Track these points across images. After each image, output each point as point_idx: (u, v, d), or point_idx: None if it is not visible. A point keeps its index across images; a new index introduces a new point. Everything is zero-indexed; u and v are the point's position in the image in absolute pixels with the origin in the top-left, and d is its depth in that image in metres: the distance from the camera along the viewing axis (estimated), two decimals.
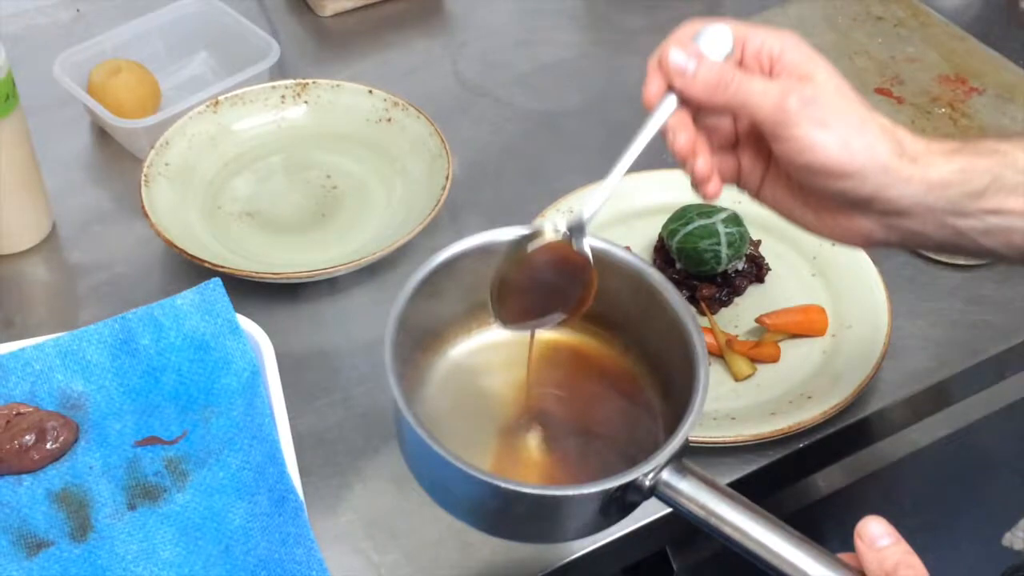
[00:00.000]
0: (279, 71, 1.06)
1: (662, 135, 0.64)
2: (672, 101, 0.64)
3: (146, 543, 0.71)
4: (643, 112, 0.64)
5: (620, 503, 0.60)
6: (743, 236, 0.88)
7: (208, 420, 0.76)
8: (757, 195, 0.68)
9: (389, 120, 1.00)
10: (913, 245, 0.66)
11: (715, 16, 1.18)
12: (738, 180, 0.68)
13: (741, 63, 0.65)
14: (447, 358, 0.70)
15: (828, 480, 0.91)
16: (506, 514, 0.61)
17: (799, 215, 0.67)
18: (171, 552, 0.70)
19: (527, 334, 0.67)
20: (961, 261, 0.92)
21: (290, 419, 0.74)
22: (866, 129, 0.62)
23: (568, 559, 0.74)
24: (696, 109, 0.64)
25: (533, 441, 0.67)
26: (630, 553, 0.78)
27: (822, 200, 0.65)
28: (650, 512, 0.77)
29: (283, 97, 1.01)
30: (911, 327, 0.88)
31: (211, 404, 0.77)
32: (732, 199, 0.92)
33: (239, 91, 1.00)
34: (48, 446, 0.74)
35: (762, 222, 0.93)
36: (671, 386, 0.66)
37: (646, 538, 0.77)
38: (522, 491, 0.58)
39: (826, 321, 0.86)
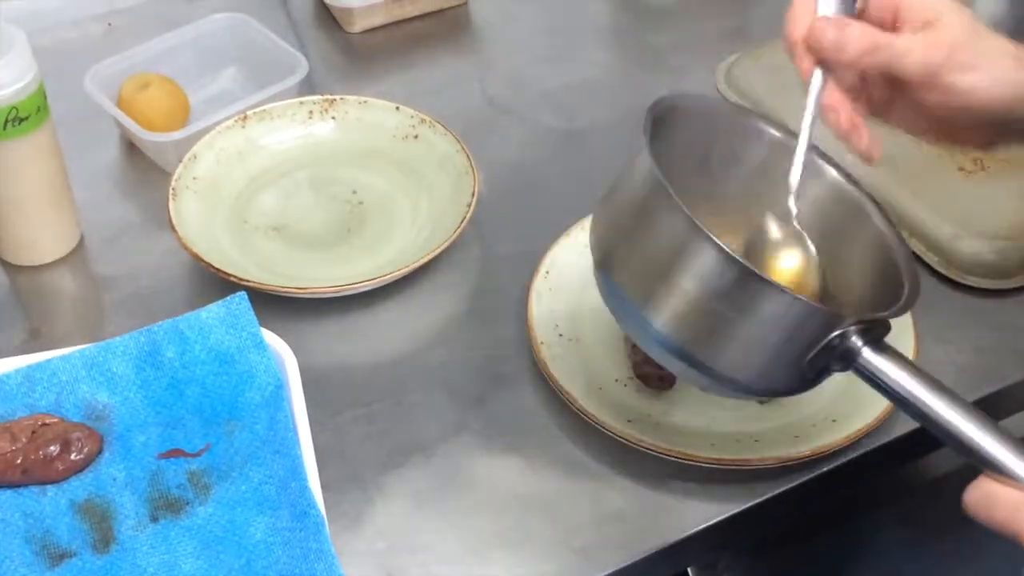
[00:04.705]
0: (307, 87, 1.07)
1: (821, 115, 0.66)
2: (819, 75, 0.66)
3: (168, 555, 0.71)
4: None
5: (821, 359, 0.63)
6: None
7: (231, 434, 0.76)
8: (885, 120, 0.70)
9: (416, 137, 1.00)
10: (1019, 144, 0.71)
11: (745, 32, 1.18)
12: (868, 110, 0.69)
13: (863, 15, 0.66)
14: None
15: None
16: (728, 320, 0.63)
17: (926, 134, 0.70)
18: (192, 565, 0.70)
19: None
20: (987, 285, 0.91)
21: (313, 434, 0.74)
22: (1005, 61, 0.64)
23: None
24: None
25: None
26: (652, 573, 0.78)
27: (956, 123, 0.67)
28: (677, 531, 0.76)
29: (311, 113, 1.02)
30: (937, 351, 0.87)
31: (235, 418, 0.77)
32: None
33: (267, 106, 1.00)
34: (72, 457, 0.74)
35: None
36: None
37: (669, 558, 0.77)
38: (771, 282, 0.61)
39: None
